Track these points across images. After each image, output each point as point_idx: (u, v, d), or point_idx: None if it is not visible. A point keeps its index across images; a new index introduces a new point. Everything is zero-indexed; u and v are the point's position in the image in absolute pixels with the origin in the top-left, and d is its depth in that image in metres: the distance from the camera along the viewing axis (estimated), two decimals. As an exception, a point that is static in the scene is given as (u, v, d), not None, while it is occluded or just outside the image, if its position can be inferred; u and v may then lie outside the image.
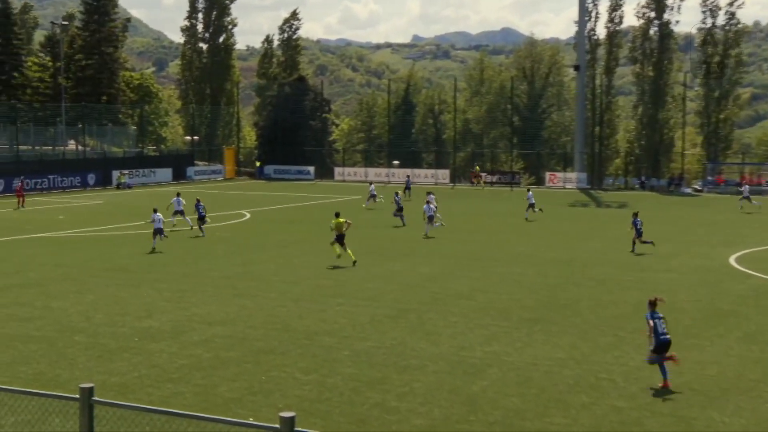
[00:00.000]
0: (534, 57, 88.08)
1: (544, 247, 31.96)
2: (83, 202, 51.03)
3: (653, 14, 69.08)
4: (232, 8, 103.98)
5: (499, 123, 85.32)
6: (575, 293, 22.94)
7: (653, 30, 69.34)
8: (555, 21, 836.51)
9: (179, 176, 69.95)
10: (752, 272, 26.53)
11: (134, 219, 40.74)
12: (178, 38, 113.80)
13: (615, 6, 70.09)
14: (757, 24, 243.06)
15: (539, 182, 69.88)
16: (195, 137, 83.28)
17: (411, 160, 77.95)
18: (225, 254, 29.92)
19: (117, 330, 18.41)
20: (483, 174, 69.49)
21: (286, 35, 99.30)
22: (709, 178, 65.37)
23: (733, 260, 29.01)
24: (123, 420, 9.49)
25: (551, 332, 18.43)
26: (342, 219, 28.38)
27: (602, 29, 70.64)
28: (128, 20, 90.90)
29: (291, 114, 79.87)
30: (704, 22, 67.57)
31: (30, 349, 16.70)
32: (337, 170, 75.35)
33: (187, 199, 39.18)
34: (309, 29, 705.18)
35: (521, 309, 20.82)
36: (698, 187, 64.93)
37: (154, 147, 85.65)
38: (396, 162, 75.30)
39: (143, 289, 23.04)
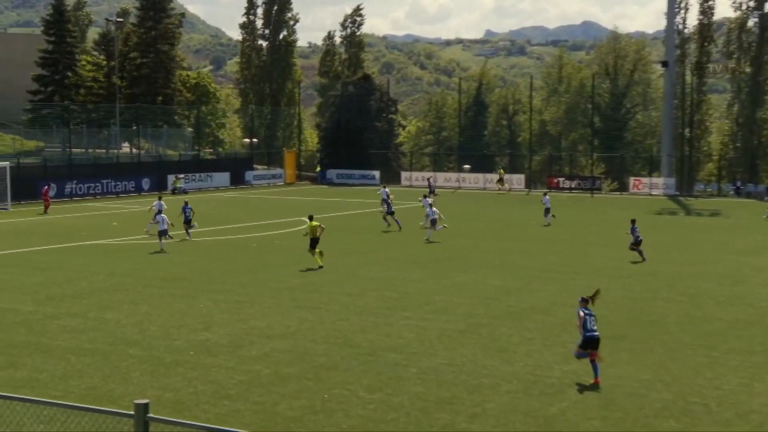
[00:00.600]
0: (617, 52, 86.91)
1: (629, 259, 31.47)
2: (137, 208, 52.05)
3: (753, 3, 67.54)
4: (293, 3, 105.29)
5: (579, 124, 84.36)
6: (663, 309, 22.52)
7: (752, 22, 67.80)
8: (641, 13, 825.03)
9: (237, 181, 70.89)
10: None
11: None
12: (237, 35, 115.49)
13: (708, -4, 68.86)
14: None
15: (622, 188, 68.87)
16: (254, 140, 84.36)
17: (483, 164, 77.56)
18: (284, 264, 30.18)
19: (172, 343, 18.72)
20: (506, 177, 69.18)
21: (350, 31, 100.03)
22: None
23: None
24: (178, 438, 9.62)
25: (636, 351, 18.13)
26: (315, 223, 29.54)
27: (693, 22, 69.60)
28: (182, 14, 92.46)
29: (355, 115, 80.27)
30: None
31: (83, 362, 17.09)
32: (404, 175, 75.45)
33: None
34: (374, 25, 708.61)
35: (603, 325, 20.43)
36: (800, 194, 63.20)
37: (211, 150, 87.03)
38: (467, 166, 75.05)
39: (200, 300, 23.39)
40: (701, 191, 69.29)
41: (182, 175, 65.09)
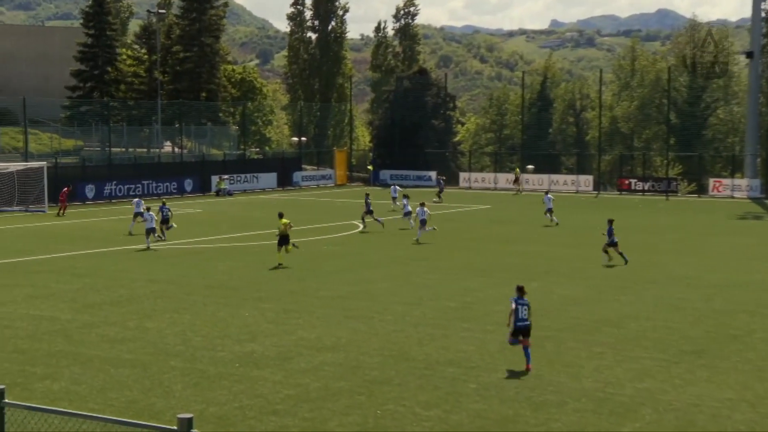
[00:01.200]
0: (696, 43, 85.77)
1: (709, 268, 31.01)
2: (179, 211, 52.68)
3: None
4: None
5: (653, 121, 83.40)
6: (748, 323, 22.14)
7: None
8: (723, 0, 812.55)
9: (285, 182, 71.37)
10: None
11: (235, 230, 41.83)
12: (285, 27, 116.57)
13: (798, -21, 67.68)
14: None
15: (701, 190, 67.93)
16: (302, 138, 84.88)
17: (548, 164, 77.07)
18: (335, 271, 30.29)
19: (216, 354, 18.90)
20: (520, 177, 69.56)
21: (404, 22, 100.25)
22: None
23: None
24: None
25: (718, 368, 17.84)
26: (286, 220, 31.35)
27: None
28: (227, 5, 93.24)
29: (410, 112, 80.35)
30: None
31: (122, 374, 17.33)
32: (463, 176, 75.29)
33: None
34: (430, 15, 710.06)
35: (681, 340, 20.24)
36: None
37: (258, 149, 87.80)
38: (530, 166, 74.66)
39: (245, 309, 23.58)
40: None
41: (226, 176, 65.71)
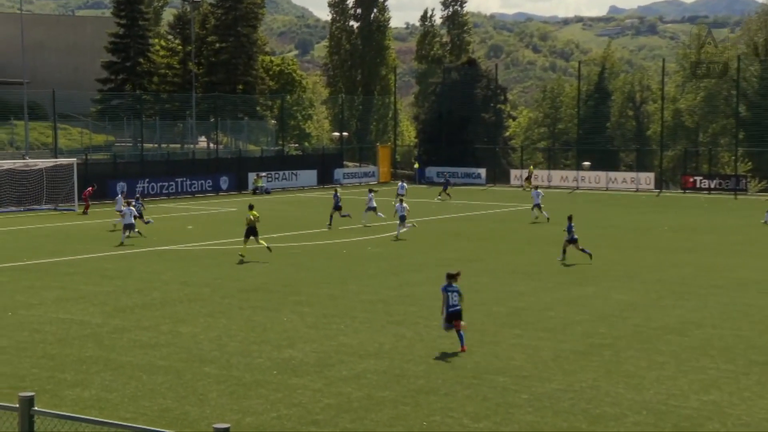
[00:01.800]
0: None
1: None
2: (215, 210, 53.13)
3: None
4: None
5: (721, 114, 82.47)
6: (821, 331, 21.82)
7: None
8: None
9: (325, 179, 71.61)
10: None
11: (273, 230, 42.02)
12: (325, 15, 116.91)
13: None
14: None
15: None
16: (344, 133, 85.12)
17: (605, 161, 76.57)
18: (378, 273, 30.35)
19: (253, 361, 19.02)
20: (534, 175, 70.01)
21: (452, 10, 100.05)
22: None
23: None
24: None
25: (790, 380, 17.61)
26: (256, 213, 33.54)
27: None
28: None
29: (458, 105, 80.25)
30: None
31: (155, 381, 17.51)
32: (514, 173, 75.05)
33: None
34: (480, 2, 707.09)
35: (750, 349, 20.01)
36: None
37: (296, 145, 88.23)
38: (586, 163, 74.23)
39: (283, 314, 23.70)
40: None
41: (264, 174, 66.07)
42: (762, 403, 16.17)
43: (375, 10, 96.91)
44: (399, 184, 54.97)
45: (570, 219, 33.09)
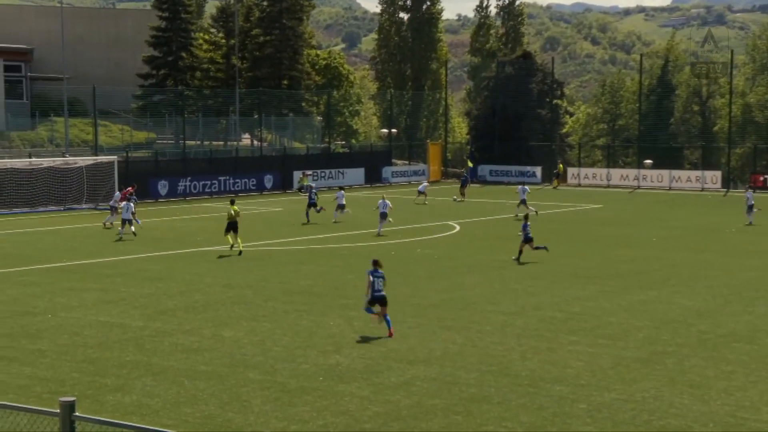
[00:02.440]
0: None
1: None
2: (259, 209, 53.41)
3: None
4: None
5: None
6: None
7: None
8: None
9: (373, 178, 71.79)
10: None
11: (319, 231, 42.22)
12: (374, 7, 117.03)
13: None
14: None
15: None
16: (393, 130, 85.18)
17: (668, 159, 75.84)
18: (428, 276, 30.35)
19: (298, 367, 19.11)
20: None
21: (507, 0, 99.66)
22: None
23: None
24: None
25: None
26: (237, 207, 35.71)
27: None
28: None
29: (512, 100, 79.95)
30: None
31: (197, 387, 17.66)
32: (571, 171, 74.64)
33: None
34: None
35: (822, 358, 19.72)
36: None
37: (343, 142, 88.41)
38: (648, 161, 73.58)
39: (330, 318, 23.80)
40: None
41: (310, 172, 66.28)
42: (836, 416, 15.93)
43: (427, 1, 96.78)
44: (422, 185, 57.50)
45: (526, 218, 35.07)
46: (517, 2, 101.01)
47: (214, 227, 40.27)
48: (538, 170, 74.95)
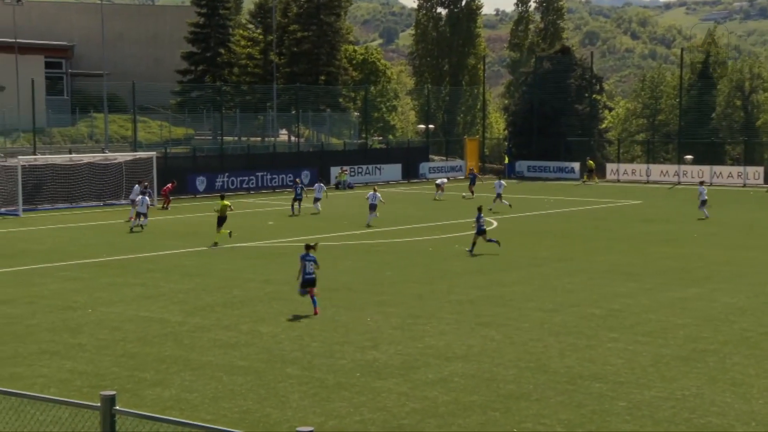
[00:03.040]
0: None
1: None
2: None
3: None
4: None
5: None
6: None
7: None
8: None
9: (410, 174, 71.80)
10: None
11: (357, 227, 42.30)
12: (411, 2, 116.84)
13: None
14: None
15: None
16: (430, 126, 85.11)
17: (709, 154, 75.19)
18: (466, 272, 30.32)
19: (336, 362, 19.18)
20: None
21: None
22: None
23: None
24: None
25: None
26: (226, 202, 36.91)
27: None
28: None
29: (551, 96, 79.58)
30: None
31: (235, 382, 17.78)
32: (610, 167, 74.25)
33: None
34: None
35: None
36: None
37: (381, 138, 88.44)
38: (689, 157, 73.04)
39: (367, 314, 23.85)
40: None
41: (347, 168, 66.47)
42: None
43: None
44: (440, 180, 58.54)
45: (479, 210, 34.95)
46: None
47: (252, 223, 40.44)
48: (576, 166, 74.59)
